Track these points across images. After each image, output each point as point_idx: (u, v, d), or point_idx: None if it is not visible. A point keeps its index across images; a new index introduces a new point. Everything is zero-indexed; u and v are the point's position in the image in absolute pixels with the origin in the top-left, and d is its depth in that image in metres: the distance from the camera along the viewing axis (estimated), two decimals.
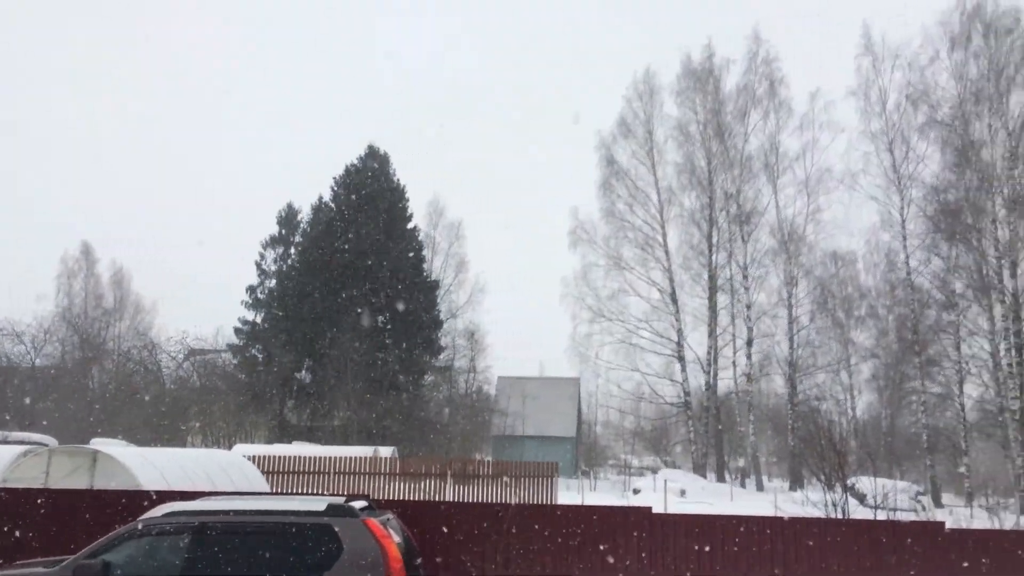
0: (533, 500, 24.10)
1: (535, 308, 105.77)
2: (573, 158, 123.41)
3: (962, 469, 41.52)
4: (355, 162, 50.27)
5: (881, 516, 17.33)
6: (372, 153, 50.49)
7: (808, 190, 46.42)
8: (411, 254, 48.98)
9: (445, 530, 10.23)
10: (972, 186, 38.95)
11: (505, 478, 24.86)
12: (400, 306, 46.33)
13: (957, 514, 28.16)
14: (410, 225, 50.16)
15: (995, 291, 38.67)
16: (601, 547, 10.17)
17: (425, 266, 51.43)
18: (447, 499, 23.46)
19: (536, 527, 10.26)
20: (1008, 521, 24.66)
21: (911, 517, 22.28)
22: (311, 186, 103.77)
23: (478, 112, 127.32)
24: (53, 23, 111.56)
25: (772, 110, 47.42)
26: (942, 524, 10.71)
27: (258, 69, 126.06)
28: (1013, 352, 37.68)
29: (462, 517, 10.33)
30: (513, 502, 18.49)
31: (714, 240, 48.18)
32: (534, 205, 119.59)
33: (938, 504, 37.44)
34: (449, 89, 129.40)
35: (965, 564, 10.02)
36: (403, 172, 72.22)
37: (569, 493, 32.20)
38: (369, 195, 48.50)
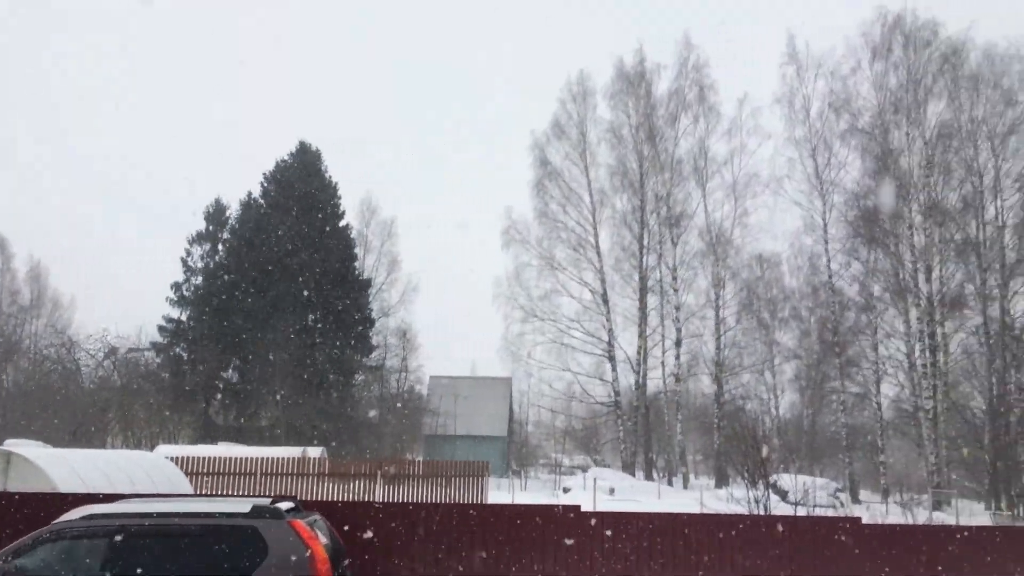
0: (464, 500, 24.09)
1: (468, 308, 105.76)
2: (508, 158, 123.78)
3: (879, 466, 43.05)
4: (286, 158, 49.49)
5: (801, 512, 17.88)
6: (303, 149, 49.78)
7: (736, 194, 47.56)
8: (343, 252, 48.43)
9: (374, 531, 10.16)
10: (890, 193, 40.36)
11: (436, 478, 24.79)
12: (331, 305, 45.79)
13: (874, 510, 29.18)
14: (342, 223, 49.63)
15: (911, 295, 40.18)
16: (531, 545, 10.24)
17: (357, 264, 50.94)
18: (377, 500, 23.27)
19: (466, 527, 10.27)
20: (921, 516, 25.71)
21: (830, 513, 23.00)
22: (241, 182, 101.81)
23: (414, 111, 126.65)
24: None
25: (702, 115, 48.44)
26: (859, 519, 11.08)
27: (187, 59, 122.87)
28: (927, 353, 39.22)
29: (392, 518, 10.28)
30: (444, 502, 18.46)
31: (645, 242, 48.92)
32: (468, 205, 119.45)
33: (856, 500, 38.76)
34: (383, 87, 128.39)
35: (881, 556, 10.39)
36: (335, 169, 71.48)
37: (500, 492, 32.27)
38: (300, 192, 47.80)
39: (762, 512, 14.00)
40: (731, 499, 17.02)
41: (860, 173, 43.04)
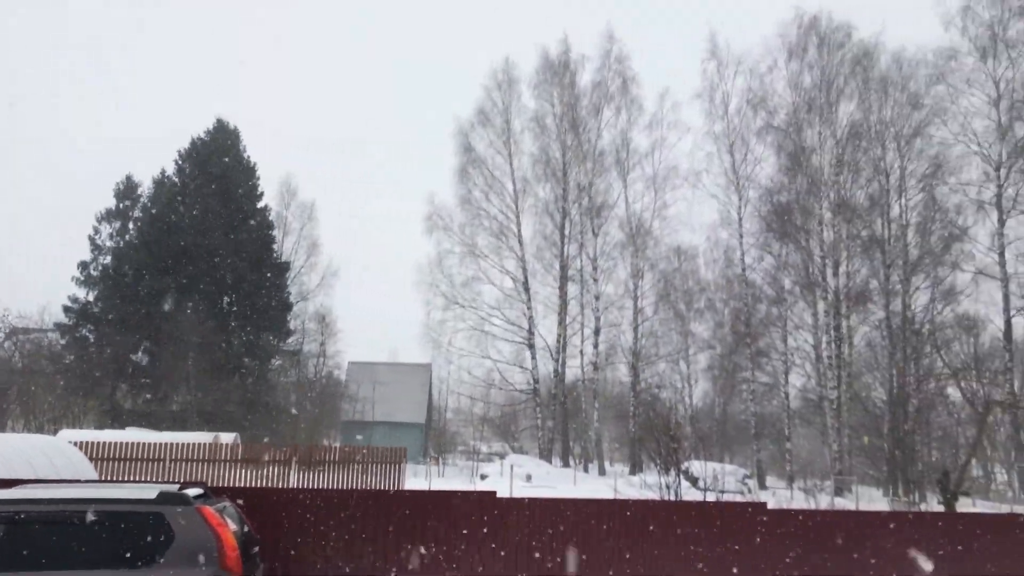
0: (381, 486, 23.95)
1: (389, 293, 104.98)
2: (432, 143, 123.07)
3: (785, 454, 44.61)
4: (203, 136, 48.04)
5: (711, 497, 18.40)
6: (221, 127, 48.42)
7: (656, 186, 48.28)
8: (261, 234, 47.37)
9: (287, 517, 10.04)
10: (802, 189, 41.70)
11: (352, 464, 24.57)
12: (247, 287, 44.79)
13: (779, 495, 30.27)
14: (260, 204, 48.54)
15: (819, 288, 41.65)
16: (446, 531, 10.27)
17: (275, 247, 49.88)
18: (291, 486, 22.95)
19: (381, 513, 10.24)
20: (823, 501, 26.76)
21: (738, 498, 23.70)
22: (155, 158, 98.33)
23: (337, 92, 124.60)
24: None
25: (624, 107, 48.98)
26: (764, 504, 11.47)
27: (103, 28, 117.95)
28: (833, 345, 40.75)
29: (305, 504, 10.17)
30: (360, 488, 18.32)
31: (566, 231, 49.34)
32: (391, 190, 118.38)
33: (763, 486, 40.06)
34: (307, 68, 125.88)
35: (785, 540, 10.78)
36: (255, 150, 69.81)
37: (417, 479, 32.26)
38: (217, 171, 46.51)
39: (672, 498, 14.35)
40: (644, 485, 17.38)
41: (774, 169, 44.34)
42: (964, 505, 23.71)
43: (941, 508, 16.54)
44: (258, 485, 22.87)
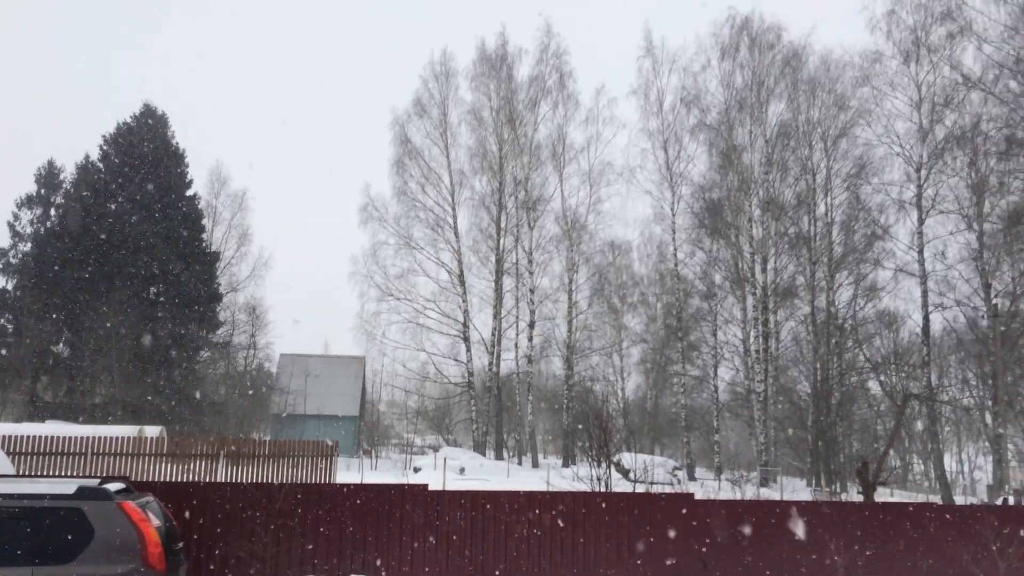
0: (312, 480, 23.66)
1: (323, 285, 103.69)
2: (368, 134, 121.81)
3: (714, 445, 45.62)
4: (128, 121, 46.61)
5: (641, 489, 18.72)
6: (148, 112, 47.02)
7: (591, 181, 48.67)
8: (189, 223, 46.20)
9: (213, 512, 9.89)
10: (733, 187, 42.60)
11: (282, 458, 24.23)
12: (174, 278, 43.67)
13: (707, 486, 30.89)
14: (189, 192, 47.30)
15: (748, 284, 42.65)
16: (377, 524, 10.24)
17: (204, 236, 48.72)
18: (219, 480, 22.52)
19: (310, 506, 10.16)
20: (749, 492, 27.44)
21: (667, 489, 24.11)
22: (77, 143, 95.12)
23: (273, 82, 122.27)
24: None
25: (561, 102, 49.22)
26: (692, 495, 11.74)
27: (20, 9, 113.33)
28: (760, 340, 41.79)
29: (231, 498, 10.03)
30: (289, 482, 18.10)
31: (503, 224, 49.39)
32: (326, 181, 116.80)
33: (692, 477, 40.89)
34: (242, 57, 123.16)
35: (710, 528, 11.06)
36: (184, 136, 68.10)
37: (350, 472, 32.03)
38: (143, 157, 45.17)
39: (603, 489, 14.57)
40: (576, 478, 17.58)
41: (707, 167, 45.20)
42: (882, 495, 24.62)
43: (860, 498, 17.13)
44: (185, 480, 22.39)
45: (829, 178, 42.00)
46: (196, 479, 22.65)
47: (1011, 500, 25.73)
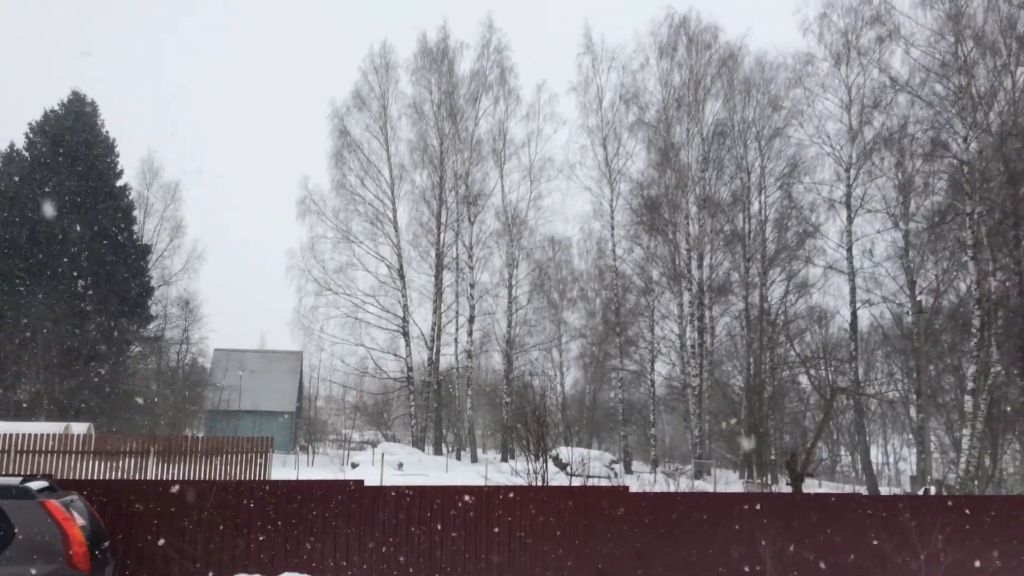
0: (246, 477, 23.28)
1: (259, 279, 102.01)
2: (306, 126, 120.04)
3: (650, 439, 46.31)
4: (56, 108, 45.06)
5: (578, 482, 18.89)
6: (77, 99, 45.51)
7: (531, 177, 48.83)
8: (119, 214, 44.89)
9: (141, 510, 9.67)
10: (671, 184, 43.24)
11: (216, 455, 23.80)
12: (104, 271, 42.42)
13: (643, 479, 31.35)
14: (119, 183, 45.95)
15: (685, 280, 43.37)
16: (311, 520, 10.14)
17: (136, 228, 47.42)
18: (149, 478, 22.01)
19: (243, 504, 10.00)
20: (684, 484, 27.93)
21: (604, 482, 24.39)
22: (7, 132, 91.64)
23: (205, 69, 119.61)
24: None
25: (502, 97, 49.25)
26: (627, 488, 11.90)
27: None
28: (696, 335, 42.55)
29: (161, 496, 9.82)
30: (222, 479, 17.79)
31: (443, 219, 49.25)
32: (262, 172, 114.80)
33: (628, 471, 41.43)
34: (174, 42, 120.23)
35: (644, 520, 11.23)
36: (115, 125, 66.23)
37: (285, 469, 31.60)
38: (72, 146, 43.69)
39: (540, 483, 14.67)
40: (514, 472, 17.66)
41: (645, 164, 45.78)
42: (810, 486, 25.31)
43: (789, 489, 17.59)
44: (113, 477, 21.83)
45: (763, 177, 42.96)
46: (125, 477, 22.11)
47: (932, 490, 26.70)
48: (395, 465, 34.79)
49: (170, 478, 22.22)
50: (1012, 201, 30.16)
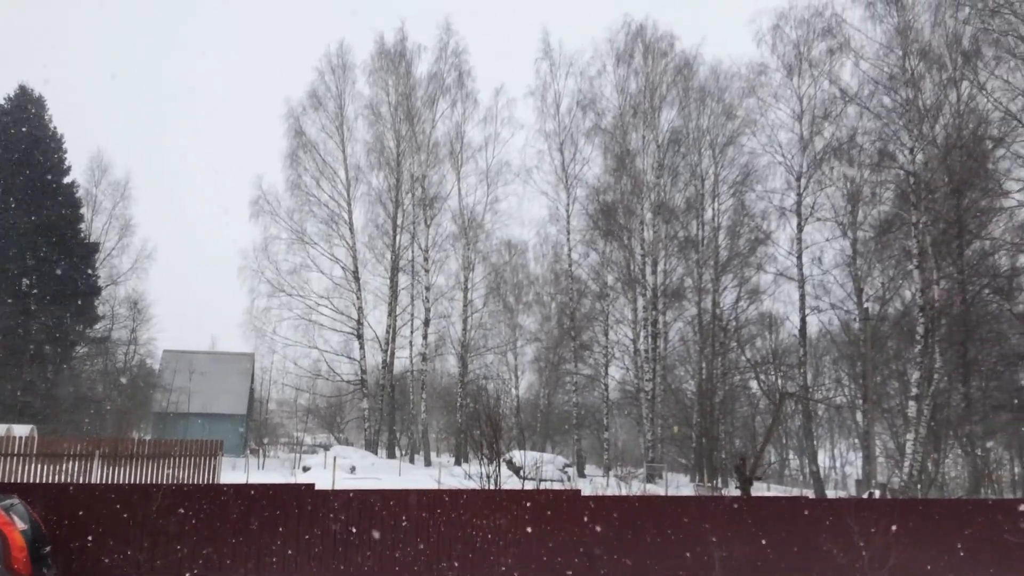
0: (195, 481, 22.89)
1: (211, 280, 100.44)
2: (260, 125, 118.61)
3: (603, 443, 46.60)
4: (2, 102, 43.89)
5: (530, 485, 18.93)
6: (24, 94, 44.37)
7: (488, 180, 48.79)
8: (66, 212, 43.84)
9: (86, 514, 9.45)
10: (626, 190, 43.62)
11: (163, 458, 23.36)
12: (49, 269, 41.40)
13: (596, 483, 31.52)
14: (67, 179, 44.89)
15: (639, 285, 43.78)
16: (260, 524, 10.02)
17: (83, 227, 46.34)
18: (94, 481, 21.52)
19: (190, 508, 9.84)
20: (636, 488, 28.14)
21: (557, 486, 24.47)
22: None
23: (159, 68, 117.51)
24: None
25: (460, 100, 49.16)
26: (579, 491, 11.96)
27: None
28: (650, 340, 42.96)
29: (106, 500, 9.62)
30: (170, 483, 17.48)
31: (399, 221, 49.00)
32: (216, 172, 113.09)
33: (582, 474, 41.64)
34: (125, 39, 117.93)
35: (593, 522, 11.30)
36: (63, 122, 64.72)
37: (235, 472, 31.14)
38: (17, 141, 42.60)
39: (492, 487, 14.68)
40: (467, 476, 17.64)
41: (601, 169, 46.09)
42: (759, 489, 25.71)
43: (739, 492, 17.85)
44: (56, 481, 21.29)
45: (717, 184, 43.60)
46: (69, 481, 21.58)
47: (876, 493, 27.30)
48: (348, 469, 34.48)
49: (116, 482, 21.76)
50: (956, 212, 31.00)
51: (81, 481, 21.59)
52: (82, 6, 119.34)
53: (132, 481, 22.26)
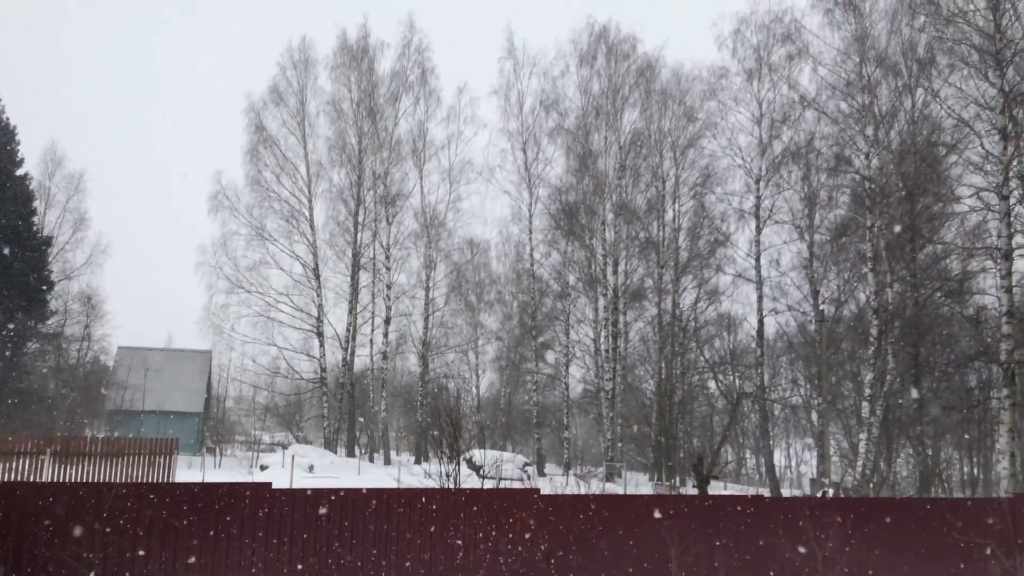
0: (149, 479, 22.54)
1: (168, 275, 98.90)
2: (220, 120, 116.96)
3: (564, 442, 46.79)
4: None
5: (490, 484, 18.98)
6: None
7: (451, 179, 48.67)
8: (18, 204, 42.81)
9: (36, 514, 9.28)
10: (588, 190, 43.83)
11: (117, 456, 22.97)
12: (0, 262, 40.43)
13: (556, 481, 31.64)
14: (19, 171, 43.89)
15: (600, 285, 44.02)
16: (217, 524, 9.91)
17: (36, 220, 45.33)
18: (46, 480, 21.09)
19: (144, 507, 9.71)
20: (595, 486, 28.32)
21: (516, 485, 24.54)
22: None
23: (117, 60, 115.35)
24: None
25: (422, 98, 48.97)
26: (538, 490, 12.02)
27: None
28: (610, 339, 43.22)
29: (57, 499, 9.44)
30: (123, 482, 17.20)
31: (360, 219, 48.68)
32: (174, 167, 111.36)
33: (541, 473, 41.78)
34: (80, 30, 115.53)
35: (552, 521, 11.36)
36: (16, 113, 63.25)
37: (191, 471, 30.75)
38: None
39: (452, 486, 14.68)
40: (426, 474, 17.62)
41: (564, 170, 46.25)
42: (716, 488, 26.03)
43: (696, 491, 18.06)
44: (5, 479, 20.82)
45: (677, 186, 43.97)
46: (19, 479, 21.12)
47: (830, 492, 27.79)
48: (306, 467, 34.21)
49: (68, 480, 21.35)
50: (909, 216, 31.64)
51: (32, 479, 21.15)
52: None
53: (85, 480, 21.86)
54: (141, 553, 9.53)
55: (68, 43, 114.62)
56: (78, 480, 21.67)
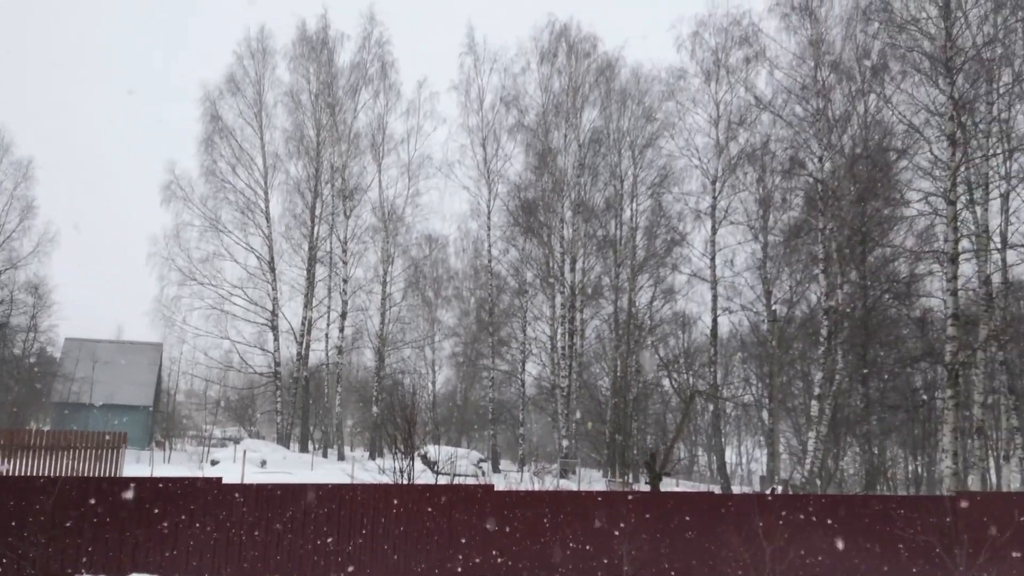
0: (95, 474, 22.11)
1: (118, 267, 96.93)
2: (174, 108, 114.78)
3: (519, 438, 46.93)
4: None
5: (444, 480, 18.94)
6: None
7: (410, 173, 48.40)
8: None
9: None
10: (547, 188, 43.94)
11: (63, 450, 22.49)
12: None
13: (511, 478, 31.75)
14: None
15: (557, 283, 44.18)
16: (165, 520, 9.76)
17: None
18: None
19: (91, 502, 9.52)
20: (549, 483, 28.46)
21: (471, 481, 24.51)
22: None
23: (65, 43, 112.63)
24: None
25: (382, 91, 48.64)
26: (492, 486, 12.05)
27: None
28: (567, 337, 43.40)
29: None
30: (68, 476, 16.83)
31: (317, 212, 48.23)
32: (124, 154, 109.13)
33: (496, 469, 41.84)
34: (33, 11, 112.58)
35: (506, 516, 11.39)
36: None
37: (140, 465, 30.26)
38: None
39: (405, 481, 14.64)
40: (381, 470, 17.53)
41: (523, 167, 46.24)
42: (668, 484, 26.31)
43: (648, 487, 18.23)
44: None
45: (635, 185, 44.27)
46: None
47: (780, 489, 28.28)
48: (258, 463, 33.81)
49: (12, 474, 20.84)
50: (860, 219, 32.27)
51: None
52: None
53: (29, 473, 21.36)
54: (87, 547, 9.35)
55: (15, 27, 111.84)
56: (22, 474, 21.17)
